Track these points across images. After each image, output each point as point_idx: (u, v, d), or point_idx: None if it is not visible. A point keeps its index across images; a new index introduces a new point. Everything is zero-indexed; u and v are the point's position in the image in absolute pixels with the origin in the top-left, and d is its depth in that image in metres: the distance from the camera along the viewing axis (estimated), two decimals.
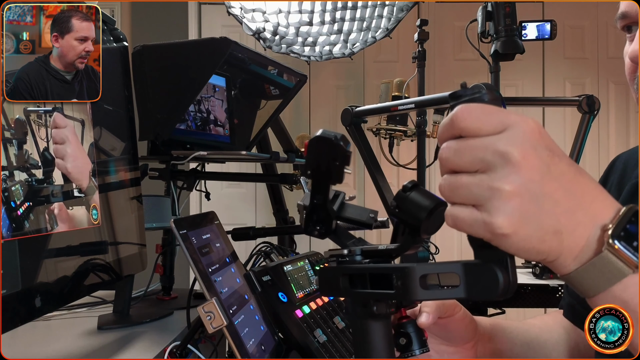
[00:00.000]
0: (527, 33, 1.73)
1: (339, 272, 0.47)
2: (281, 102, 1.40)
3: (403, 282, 0.41)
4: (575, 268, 0.39)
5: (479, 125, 0.38)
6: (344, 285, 0.46)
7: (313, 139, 0.47)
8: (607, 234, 0.38)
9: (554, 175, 0.38)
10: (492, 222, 0.37)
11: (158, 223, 1.27)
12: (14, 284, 0.68)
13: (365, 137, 1.66)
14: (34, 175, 0.75)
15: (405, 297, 0.41)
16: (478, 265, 0.40)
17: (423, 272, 0.41)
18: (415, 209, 0.44)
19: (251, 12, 2.21)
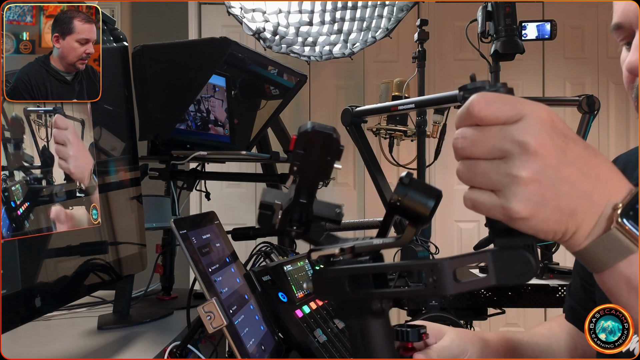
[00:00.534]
0: (527, 33, 1.73)
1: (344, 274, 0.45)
2: (281, 102, 1.40)
3: (436, 278, 0.41)
4: (586, 245, 0.41)
5: (496, 114, 0.39)
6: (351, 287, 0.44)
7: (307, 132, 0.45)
8: (616, 212, 0.40)
9: (570, 159, 0.40)
10: (510, 207, 0.39)
11: (158, 223, 1.27)
12: (14, 284, 0.68)
13: (365, 137, 1.67)
14: (33, 175, 0.75)
15: (439, 292, 0.41)
16: (506, 252, 0.41)
17: (455, 266, 0.41)
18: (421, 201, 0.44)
19: (251, 12, 2.21)
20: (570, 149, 0.40)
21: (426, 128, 2.08)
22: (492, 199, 0.40)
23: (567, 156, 0.40)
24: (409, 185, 0.44)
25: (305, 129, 0.45)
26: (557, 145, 0.39)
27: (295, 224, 0.47)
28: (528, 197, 0.39)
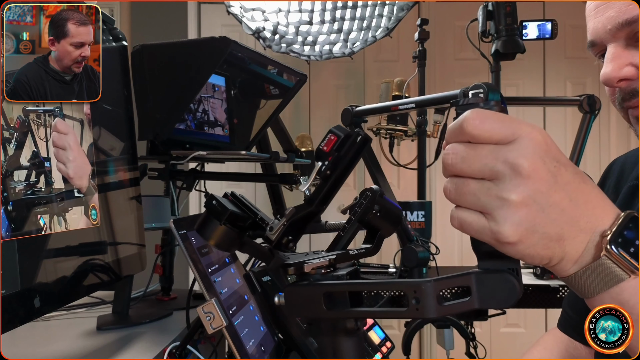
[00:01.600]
0: (527, 32, 1.73)
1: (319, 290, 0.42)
2: (281, 102, 1.40)
3: (420, 300, 0.39)
4: (575, 271, 0.41)
5: (490, 133, 0.39)
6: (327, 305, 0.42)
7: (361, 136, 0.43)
8: (605, 240, 0.40)
9: (560, 185, 0.39)
10: (499, 231, 0.38)
11: (157, 223, 1.27)
12: (13, 285, 0.68)
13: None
14: (33, 175, 0.75)
15: (421, 315, 0.40)
16: (490, 275, 0.40)
17: (439, 288, 0.40)
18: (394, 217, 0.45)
19: (251, 11, 2.21)
20: (562, 175, 0.39)
21: (427, 128, 2.07)
22: (480, 220, 0.40)
23: (557, 182, 0.39)
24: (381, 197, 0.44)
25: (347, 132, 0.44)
26: (549, 170, 0.39)
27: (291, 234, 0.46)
28: (518, 222, 0.38)
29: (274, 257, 0.45)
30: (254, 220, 0.46)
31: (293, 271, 0.44)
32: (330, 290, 0.43)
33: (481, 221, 0.39)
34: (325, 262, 0.45)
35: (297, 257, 0.46)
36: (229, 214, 0.44)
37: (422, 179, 2.14)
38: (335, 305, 0.43)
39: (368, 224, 0.47)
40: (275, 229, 0.45)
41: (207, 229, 0.45)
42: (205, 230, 0.45)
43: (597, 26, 0.63)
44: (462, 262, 2.72)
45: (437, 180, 3.14)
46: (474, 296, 0.40)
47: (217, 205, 0.45)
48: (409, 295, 0.40)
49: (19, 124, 0.74)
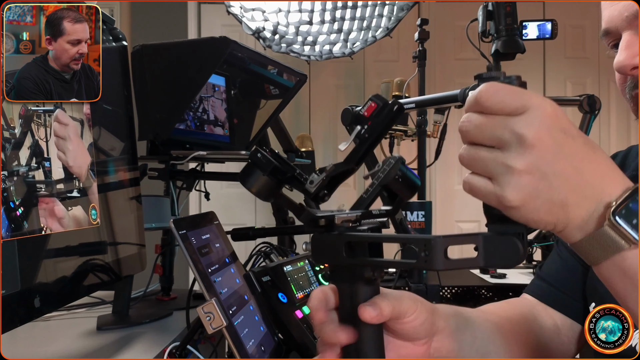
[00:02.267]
0: (527, 32, 1.73)
1: (341, 240, 0.47)
2: (281, 102, 1.40)
3: (428, 253, 0.43)
4: (580, 238, 0.43)
5: (501, 105, 0.41)
6: (347, 254, 0.47)
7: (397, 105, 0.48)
8: (609, 211, 0.41)
9: (566, 154, 0.41)
10: (503, 196, 0.41)
11: (157, 223, 1.27)
12: (13, 285, 0.68)
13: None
14: (32, 175, 0.75)
15: (429, 267, 0.43)
16: (497, 237, 0.43)
17: (447, 244, 0.43)
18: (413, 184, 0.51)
19: (251, 11, 2.21)
20: (568, 145, 0.41)
21: (427, 128, 2.07)
22: (487, 185, 0.42)
23: (563, 151, 0.41)
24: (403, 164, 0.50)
25: (385, 100, 0.49)
26: (554, 140, 0.41)
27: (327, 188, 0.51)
28: (520, 187, 0.41)
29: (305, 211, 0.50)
30: (292, 175, 0.52)
31: (324, 222, 0.49)
32: (351, 240, 0.47)
33: (488, 186, 0.42)
34: (353, 217, 0.49)
35: (324, 213, 0.51)
36: (273, 166, 0.50)
37: (422, 179, 2.14)
38: (355, 255, 0.47)
39: (389, 188, 0.52)
40: (315, 182, 0.50)
41: (249, 178, 0.51)
42: (248, 179, 0.51)
43: (613, 14, 0.62)
44: None
45: (437, 180, 3.14)
46: (480, 255, 0.43)
47: (262, 157, 0.51)
48: (419, 248, 0.43)
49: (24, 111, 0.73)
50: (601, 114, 1.72)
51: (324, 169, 0.50)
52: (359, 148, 0.50)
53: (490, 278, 1.75)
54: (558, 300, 0.75)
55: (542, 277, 0.79)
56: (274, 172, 0.51)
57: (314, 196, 0.50)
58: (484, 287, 1.64)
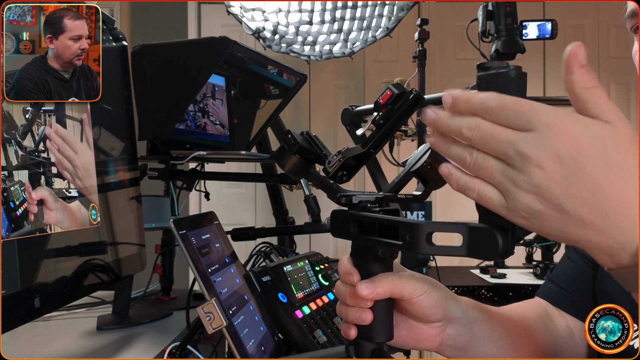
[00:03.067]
0: (527, 32, 1.73)
1: (349, 218, 0.51)
2: (281, 102, 1.40)
3: (411, 237, 0.45)
4: (614, 267, 0.40)
5: (507, 120, 0.40)
6: (354, 231, 0.50)
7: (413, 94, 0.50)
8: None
9: (580, 179, 0.38)
10: (516, 212, 0.40)
11: (157, 223, 1.27)
12: (13, 285, 0.68)
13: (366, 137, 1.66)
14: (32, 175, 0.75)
15: (412, 249, 0.45)
16: (482, 229, 0.44)
17: (430, 229, 0.45)
18: None
19: (251, 11, 2.21)
20: (584, 169, 0.38)
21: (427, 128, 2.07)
22: (499, 198, 0.41)
23: (577, 176, 0.38)
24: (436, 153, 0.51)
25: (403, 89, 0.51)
26: (563, 162, 0.38)
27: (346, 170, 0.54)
28: (528, 206, 0.39)
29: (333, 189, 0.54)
30: (319, 155, 0.56)
31: (344, 201, 0.52)
32: (358, 219, 0.50)
33: (499, 199, 0.41)
34: (372, 199, 0.52)
35: (350, 192, 0.54)
36: (299, 147, 0.55)
37: None
38: (365, 233, 0.50)
39: (420, 174, 0.54)
40: (332, 162, 0.54)
41: (281, 158, 0.56)
42: (280, 158, 0.56)
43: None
44: (462, 262, 2.71)
45: None
46: (463, 245, 0.44)
47: (291, 138, 0.55)
48: (405, 231, 0.45)
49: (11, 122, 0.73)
50: None
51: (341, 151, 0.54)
52: (374, 133, 0.53)
53: (491, 278, 1.75)
54: (570, 304, 0.75)
55: (553, 280, 0.79)
56: (301, 151, 0.55)
57: (331, 175, 0.54)
58: (484, 287, 1.64)
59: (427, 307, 0.54)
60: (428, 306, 0.54)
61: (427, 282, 0.55)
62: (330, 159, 0.54)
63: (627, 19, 0.65)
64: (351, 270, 0.52)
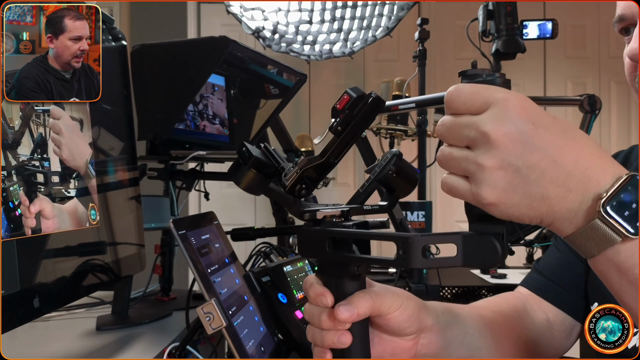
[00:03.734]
0: (528, 32, 1.73)
1: (324, 235, 0.47)
2: (281, 102, 1.40)
3: (405, 251, 0.43)
4: (571, 232, 0.42)
5: (466, 104, 0.42)
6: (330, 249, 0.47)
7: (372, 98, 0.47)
8: (599, 203, 0.40)
9: (538, 146, 0.40)
10: (478, 194, 0.41)
11: (157, 223, 1.27)
12: (12, 285, 0.68)
13: (366, 137, 1.66)
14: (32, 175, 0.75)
15: (406, 265, 0.43)
16: (476, 237, 0.43)
17: (424, 242, 0.43)
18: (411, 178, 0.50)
19: (250, 10, 2.21)
20: (539, 136, 0.40)
21: (427, 128, 2.07)
22: (464, 184, 0.42)
23: (534, 144, 0.40)
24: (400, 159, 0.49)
25: (361, 93, 0.47)
26: (522, 133, 0.40)
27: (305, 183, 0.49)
28: (494, 184, 0.40)
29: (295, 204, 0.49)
30: (276, 169, 0.51)
31: (308, 216, 0.48)
32: (334, 236, 0.47)
33: (465, 185, 0.42)
34: (337, 212, 0.49)
35: (315, 207, 0.50)
36: (254, 160, 0.49)
37: (422, 179, 2.14)
38: (340, 250, 0.47)
39: (386, 183, 0.51)
40: (288, 175, 0.49)
41: (236, 173, 0.51)
42: (235, 174, 0.51)
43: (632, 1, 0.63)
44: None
45: (437, 180, 3.13)
46: (459, 255, 0.43)
47: (246, 151, 0.50)
48: (397, 246, 0.43)
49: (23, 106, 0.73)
50: (602, 114, 1.72)
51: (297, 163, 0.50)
52: (333, 141, 0.49)
53: (491, 278, 1.75)
54: (553, 294, 0.75)
55: (539, 270, 0.79)
56: (258, 165, 0.50)
57: (289, 190, 0.49)
58: (484, 287, 1.64)
59: (403, 320, 0.53)
60: (404, 319, 0.53)
61: (401, 295, 0.53)
62: (287, 171, 0.49)
63: (616, 23, 0.66)
64: (323, 292, 0.49)
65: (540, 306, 0.74)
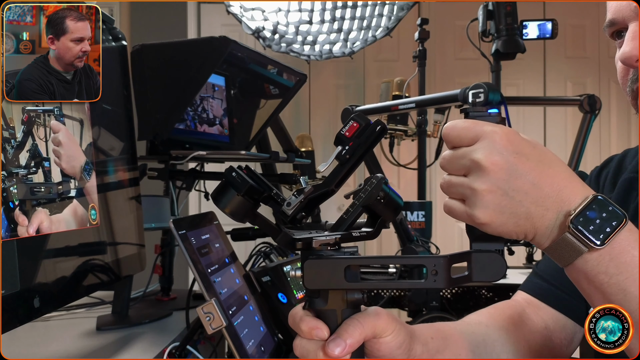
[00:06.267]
0: (528, 32, 1.73)
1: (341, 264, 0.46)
2: (281, 102, 1.40)
3: (438, 272, 0.45)
4: (548, 245, 0.49)
5: (459, 139, 0.49)
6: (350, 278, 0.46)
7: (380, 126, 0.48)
8: (568, 219, 0.47)
9: (521, 172, 0.47)
10: (473, 214, 0.48)
11: (157, 223, 1.27)
12: (12, 285, 0.68)
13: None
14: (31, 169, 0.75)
15: (438, 285, 0.46)
16: (484, 254, 0.48)
17: (452, 263, 0.46)
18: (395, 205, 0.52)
19: (250, 10, 2.21)
20: (522, 164, 0.47)
21: (427, 128, 2.07)
22: (460, 207, 0.49)
23: (517, 170, 0.47)
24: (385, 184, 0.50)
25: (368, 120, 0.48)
26: (507, 161, 0.47)
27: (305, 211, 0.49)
28: (486, 205, 0.47)
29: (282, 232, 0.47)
30: (269, 195, 0.49)
31: (301, 246, 0.47)
32: (351, 264, 0.46)
33: (461, 207, 0.49)
34: (332, 240, 0.48)
35: (301, 234, 0.48)
36: (249, 187, 0.47)
37: (422, 179, 2.14)
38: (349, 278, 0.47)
39: (370, 209, 0.52)
40: (292, 204, 0.48)
41: (223, 198, 0.48)
42: (222, 199, 0.48)
43: (622, 4, 0.63)
44: None
45: (437, 180, 3.13)
46: (471, 271, 0.48)
47: (237, 177, 0.48)
48: (428, 268, 0.46)
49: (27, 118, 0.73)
50: (601, 114, 1.72)
51: (302, 191, 0.48)
52: (339, 169, 0.48)
53: None
54: (555, 298, 0.74)
55: (538, 274, 0.78)
56: (250, 192, 0.47)
57: (291, 219, 0.48)
58: (484, 287, 1.64)
59: (395, 346, 0.52)
60: (397, 345, 0.52)
61: (394, 320, 0.53)
62: (290, 200, 0.48)
63: (606, 28, 0.66)
64: (317, 324, 0.48)
65: (538, 313, 0.73)
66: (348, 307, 0.49)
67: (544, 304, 0.74)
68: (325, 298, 0.48)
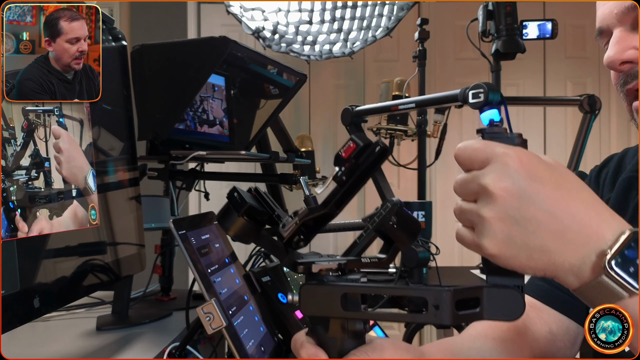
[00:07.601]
0: (528, 32, 1.73)
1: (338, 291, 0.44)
2: (281, 102, 1.40)
3: (439, 307, 0.42)
4: (578, 286, 0.43)
5: (470, 160, 0.45)
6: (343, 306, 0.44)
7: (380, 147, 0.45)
8: (604, 259, 0.41)
9: (534, 199, 0.42)
10: (481, 244, 0.43)
11: (157, 223, 1.27)
12: (12, 285, 0.68)
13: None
14: (32, 175, 0.75)
15: (439, 320, 0.42)
16: (499, 290, 0.43)
17: (457, 297, 0.42)
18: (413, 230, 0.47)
19: (250, 11, 2.21)
20: (536, 190, 0.42)
21: (427, 128, 2.07)
22: (470, 235, 0.45)
23: (531, 197, 0.42)
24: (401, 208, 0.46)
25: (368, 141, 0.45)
26: (519, 186, 0.42)
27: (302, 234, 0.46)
28: (494, 235, 0.42)
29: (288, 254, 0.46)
30: (270, 216, 0.48)
31: (302, 270, 0.45)
32: (348, 292, 0.44)
33: (470, 235, 0.45)
34: (334, 265, 0.46)
35: (310, 257, 0.47)
36: (247, 207, 0.46)
37: (422, 179, 2.14)
38: (347, 306, 0.44)
39: (384, 234, 0.48)
40: (287, 226, 0.46)
41: (226, 220, 0.48)
42: (225, 221, 0.48)
43: (605, 12, 0.64)
44: (462, 262, 2.71)
45: (437, 180, 3.13)
46: (483, 308, 0.43)
47: (237, 197, 0.47)
48: (429, 301, 0.42)
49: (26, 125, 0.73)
50: (601, 114, 1.72)
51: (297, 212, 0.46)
52: (336, 191, 0.45)
53: None
54: (558, 300, 0.74)
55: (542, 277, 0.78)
56: (250, 212, 0.46)
57: (286, 242, 0.46)
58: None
59: None
60: None
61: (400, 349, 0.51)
62: (285, 221, 0.46)
63: (597, 37, 0.67)
64: (317, 353, 0.47)
65: (541, 318, 0.73)
66: (349, 337, 0.46)
67: (546, 306, 0.74)
68: (326, 325, 0.46)
